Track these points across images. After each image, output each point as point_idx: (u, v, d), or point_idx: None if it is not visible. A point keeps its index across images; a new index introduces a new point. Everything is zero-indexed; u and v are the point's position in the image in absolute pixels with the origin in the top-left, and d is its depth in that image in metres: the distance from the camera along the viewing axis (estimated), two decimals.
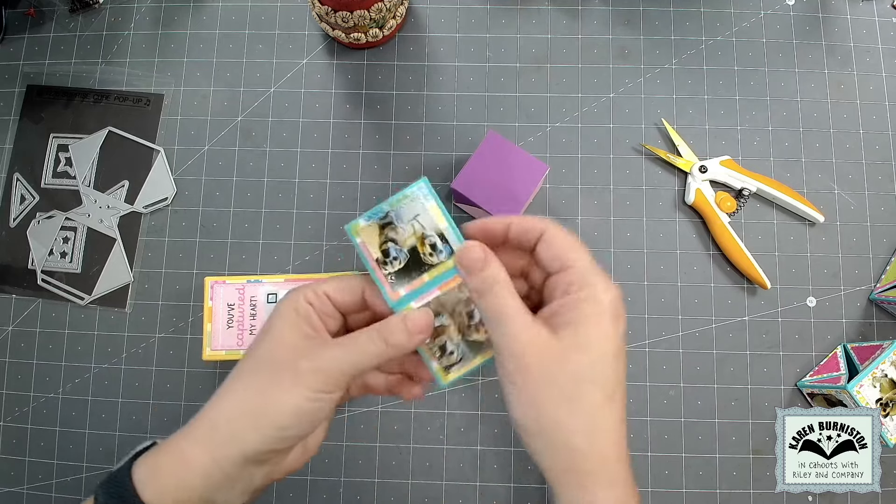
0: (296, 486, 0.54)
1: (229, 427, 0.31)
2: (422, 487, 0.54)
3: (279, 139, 0.59)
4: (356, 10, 0.53)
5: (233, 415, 0.31)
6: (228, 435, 0.30)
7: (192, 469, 0.30)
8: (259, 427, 0.30)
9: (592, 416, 0.29)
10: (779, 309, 0.55)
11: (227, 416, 0.31)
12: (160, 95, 0.60)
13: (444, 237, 0.33)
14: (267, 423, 0.30)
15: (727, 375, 0.55)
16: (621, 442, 0.30)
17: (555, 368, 0.29)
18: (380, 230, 0.33)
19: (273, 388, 0.31)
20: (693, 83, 0.59)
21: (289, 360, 0.31)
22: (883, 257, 0.56)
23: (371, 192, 0.58)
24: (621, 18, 0.60)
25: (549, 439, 0.30)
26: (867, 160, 0.58)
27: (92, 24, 0.61)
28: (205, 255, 0.57)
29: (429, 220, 0.33)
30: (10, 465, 0.55)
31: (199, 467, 0.30)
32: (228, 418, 0.31)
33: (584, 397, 0.29)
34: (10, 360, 0.57)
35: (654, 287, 0.56)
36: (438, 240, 0.33)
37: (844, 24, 0.60)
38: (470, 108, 0.59)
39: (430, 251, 0.33)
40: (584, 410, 0.29)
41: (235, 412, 0.31)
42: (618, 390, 0.30)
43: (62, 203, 0.58)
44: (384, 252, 0.33)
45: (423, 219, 0.33)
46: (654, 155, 0.58)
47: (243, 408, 0.31)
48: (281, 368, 0.31)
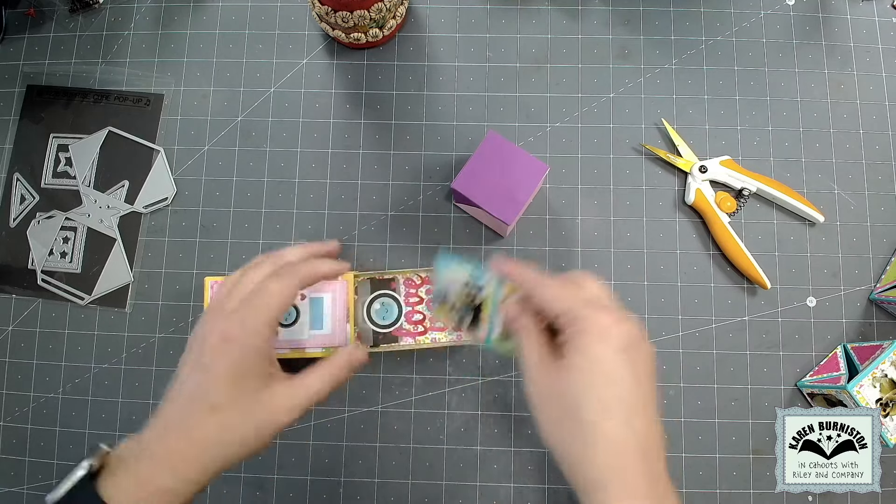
0: (296, 486, 0.54)
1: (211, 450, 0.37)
2: (422, 487, 0.54)
3: (279, 139, 0.59)
4: (356, 10, 0.53)
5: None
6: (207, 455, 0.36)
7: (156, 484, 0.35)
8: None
9: (588, 432, 0.32)
10: (779, 309, 0.55)
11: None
12: (160, 95, 0.60)
13: (469, 283, 0.42)
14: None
15: (727, 375, 0.55)
16: (638, 455, 0.32)
17: (552, 390, 0.34)
18: (448, 310, 0.43)
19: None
20: (693, 83, 0.59)
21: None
22: (883, 257, 0.56)
23: (371, 192, 0.58)
24: (621, 18, 0.60)
25: (559, 454, 0.34)
26: (867, 160, 0.58)
27: (92, 24, 0.61)
28: (205, 255, 0.57)
29: (455, 279, 0.43)
30: (10, 465, 0.55)
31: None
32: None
33: (579, 414, 0.33)
34: (10, 360, 0.57)
35: (654, 287, 0.56)
36: (471, 288, 0.43)
37: (844, 24, 0.60)
38: (470, 108, 0.59)
39: (471, 297, 0.43)
40: (579, 426, 0.33)
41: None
42: (618, 407, 0.33)
43: (62, 203, 0.58)
44: (460, 319, 0.43)
45: (452, 283, 0.43)
46: (654, 155, 0.58)
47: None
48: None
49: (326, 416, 0.55)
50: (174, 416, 0.37)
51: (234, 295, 0.40)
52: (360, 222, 0.57)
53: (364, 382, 0.55)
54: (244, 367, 0.37)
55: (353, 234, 0.57)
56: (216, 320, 0.38)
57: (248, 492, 0.54)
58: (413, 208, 0.57)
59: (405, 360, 0.55)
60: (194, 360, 0.38)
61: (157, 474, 0.34)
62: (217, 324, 0.38)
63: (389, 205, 0.58)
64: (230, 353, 0.37)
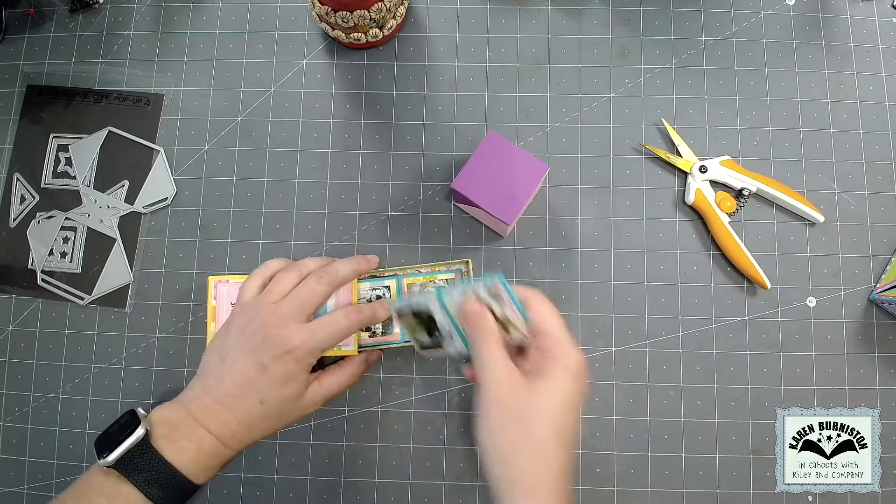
0: (296, 486, 0.54)
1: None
2: (422, 487, 0.54)
3: (279, 139, 0.59)
4: (356, 10, 0.53)
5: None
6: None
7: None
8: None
9: (538, 445, 0.37)
10: (779, 309, 0.55)
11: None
12: (160, 95, 0.60)
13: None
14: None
15: (727, 375, 0.55)
16: (558, 477, 0.37)
17: (520, 404, 0.38)
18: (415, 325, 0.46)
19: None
20: (693, 83, 0.59)
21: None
22: (883, 257, 0.56)
23: (371, 192, 0.58)
24: (621, 18, 0.60)
25: (501, 455, 0.37)
26: (867, 160, 0.58)
27: (92, 24, 0.61)
28: (205, 255, 0.57)
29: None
30: (10, 465, 0.55)
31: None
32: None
33: (537, 429, 0.37)
34: (10, 360, 0.57)
35: (654, 287, 0.56)
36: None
37: (844, 24, 0.60)
38: (470, 108, 0.59)
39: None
40: (534, 438, 0.37)
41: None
42: (563, 435, 0.37)
43: (62, 203, 0.58)
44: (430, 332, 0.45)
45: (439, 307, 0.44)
46: (654, 155, 0.58)
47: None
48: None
49: (326, 416, 0.55)
50: (230, 400, 0.42)
51: (297, 304, 0.45)
52: (360, 222, 0.57)
53: (364, 382, 0.55)
54: (296, 376, 0.43)
55: (353, 234, 0.57)
56: (286, 324, 0.44)
57: (248, 492, 0.54)
58: (413, 208, 0.57)
59: (405, 360, 0.55)
60: (251, 354, 0.43)
61: (214, 444, 0.41)
62: (285, 329, 0.43)
63: (389, 205, 0.58)
64: (289, 365, 0.43)
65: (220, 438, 0.42)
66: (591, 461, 0.53)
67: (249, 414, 0.42)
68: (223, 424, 0.42)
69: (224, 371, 0.43)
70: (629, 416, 0.54)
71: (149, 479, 0.39)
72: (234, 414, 0.42)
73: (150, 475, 0.39)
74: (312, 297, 0.46)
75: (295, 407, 0.44)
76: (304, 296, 0.45)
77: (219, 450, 0.42)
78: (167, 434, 0.40)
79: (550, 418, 0.37)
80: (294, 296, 0.45)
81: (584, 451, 0.54)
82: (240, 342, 0.44)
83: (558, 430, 0.37)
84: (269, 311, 0.44)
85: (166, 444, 0.40)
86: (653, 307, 0.56)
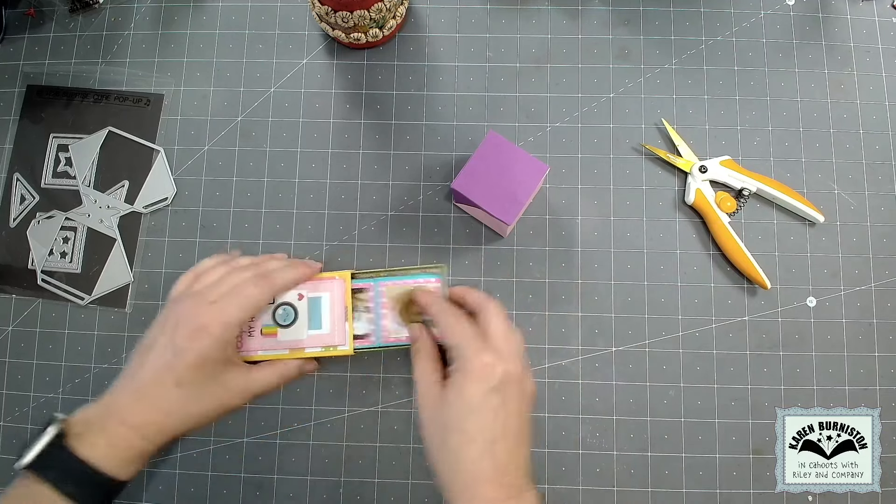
0: (296, 486, 0.54)
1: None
2: (422, 487, 0.54)
3: (279, 139, 0.59)
4: (356, 10, 0.53)
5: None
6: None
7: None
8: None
9: (453, 455, 0.39)
10: (779, 309, 0.55)
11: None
12: (160, 95, 0.60)
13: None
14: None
15: (727, 375, 0.55)
16: (495, 473, 0.39)
17: (437, 414, 0.41)
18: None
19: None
20: (693, 83, 0.59)
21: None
22: (883, 257, 0.56)
23: (371, 192, 0.58)
24: (621, 18, 0.60)
25: (436, 461, 0.41)
26: (867, 160, 0.58)
27: (92, 24, 0.61)
28: (205, 255, 0.57)
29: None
30: (10, 466, 0.55)
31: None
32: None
33: (449, 440, 0.40)
34: (10, 360, 0.57)
35: (654, 287, 0.56)
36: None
37: (844, 24, 0.60)
38: (470, 108, 0.59)
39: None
40: (449, 449, 0.40)
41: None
42: (486, 434, 0.39)
43: (62, 203, 0.58)
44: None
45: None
46: (654, 155, 0.58)
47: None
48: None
49: (326, 416, 0.55)
50: (145, 388, 0.42)
51: (216, 290, 0.45)
52: (360, 222, 0.57)
53: (364, 382, 0.55)
54: (211, 354, 0.42)
55: (353, 234, 0.57)
56: (198, 306, 0.44)
57: (248, 492, 0.54)
58: (413, 208, 0.57)
59: (405, 360, 0.55)
60: (168, 339, 0.43)
61: (128, 436, 0.41)
62: (196, 310, 0.43)
63: (389, 205, 0.58)
64: (202, 342, 0.42)
65: (138, 430, 0.41)
66: (591, 461, 0.54)
67: (167, 399, 0.42)
68: (140, 415, 0.41)
69: (143, 361, 0.43)
70: (629, 416, 0.54)
71: (61, 476, 0.39)
72: (151, 401, 0.42)
73: (61, 473, 0.39)
74: (242, 291, 0.44)
75: (216, 390, 0.43)
76: (230, 283, 0.45)
77: (135, 442, 0.41)
78: (80, 432, 0.40)
79: (460, 423, 0.39)
80: (217, 284, 0.45)
81: (584, 451, 0.54)
82: (158, 332, 0.44)
83: (476, 431, 0.39)
84: (190, 301, 0.44)
85: (79, 442, 0.40)
86: (653, 307, 0.56)
